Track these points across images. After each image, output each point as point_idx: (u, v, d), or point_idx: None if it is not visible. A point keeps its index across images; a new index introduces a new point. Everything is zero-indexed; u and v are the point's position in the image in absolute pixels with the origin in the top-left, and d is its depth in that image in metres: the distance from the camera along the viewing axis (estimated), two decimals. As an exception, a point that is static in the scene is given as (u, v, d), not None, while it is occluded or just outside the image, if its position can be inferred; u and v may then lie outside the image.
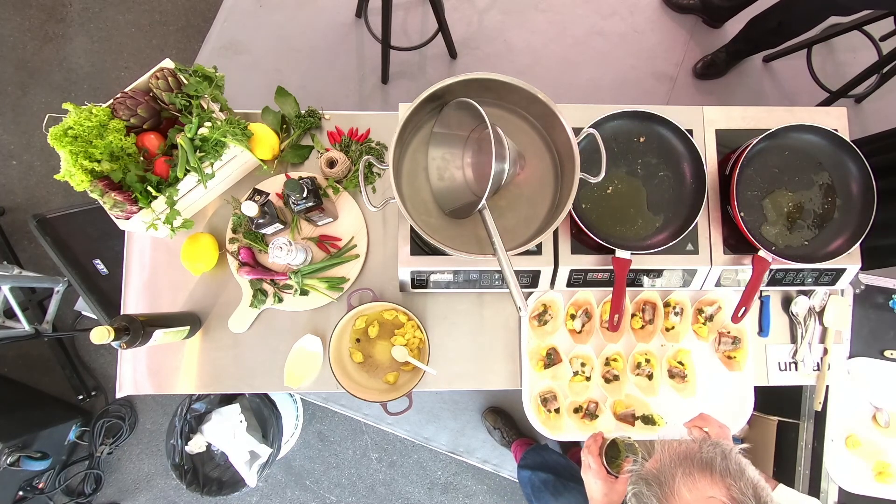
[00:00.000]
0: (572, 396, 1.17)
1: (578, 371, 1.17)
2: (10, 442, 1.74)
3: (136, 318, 0.98)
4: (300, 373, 1.15)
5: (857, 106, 2.17)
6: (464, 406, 2.07)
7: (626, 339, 1.19)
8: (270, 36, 2.22)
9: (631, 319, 1.18)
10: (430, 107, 0.94)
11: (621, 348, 1.18)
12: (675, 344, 1.18)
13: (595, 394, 1.17)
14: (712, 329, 1.18)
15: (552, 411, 1.17)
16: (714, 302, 1.18)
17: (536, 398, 1.17)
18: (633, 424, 1.15)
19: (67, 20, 2.29)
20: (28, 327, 1.80)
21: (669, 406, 1.17)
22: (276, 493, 2.14)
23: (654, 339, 1.18)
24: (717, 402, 1.17)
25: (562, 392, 1.17)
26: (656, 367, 1.17)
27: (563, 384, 1.17)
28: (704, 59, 2.18)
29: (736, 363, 1.17)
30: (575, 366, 1.18)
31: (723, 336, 1.19)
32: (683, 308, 1.18)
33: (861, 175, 1.06)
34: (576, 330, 1.19)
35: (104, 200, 1.00)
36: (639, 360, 1.17)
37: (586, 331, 1.18)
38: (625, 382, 1.17)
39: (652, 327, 1.17)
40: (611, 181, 1.08)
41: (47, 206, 2.18)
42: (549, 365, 1.16)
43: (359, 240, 1.20)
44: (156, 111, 1.07)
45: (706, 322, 1.18)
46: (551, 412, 1.17)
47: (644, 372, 1.17)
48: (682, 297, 1.18)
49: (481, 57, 2.22)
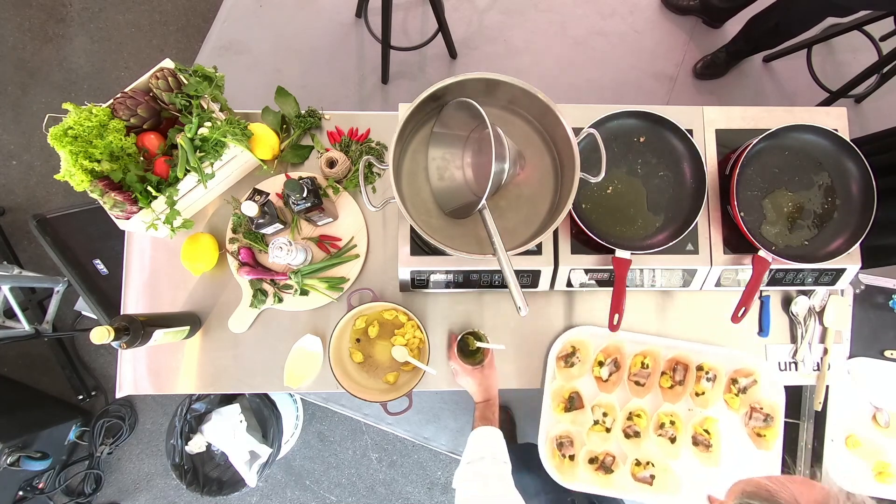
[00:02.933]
0: (590, 445, 1.12)
1: (599, 420, 1.13)
2: (10, 442, 1.74)
3: (136, 318, 0.98)
4: (300, 373, 1.15)
5: (857, 106, 2.17)
6: (464, 406, 2.07)
7: (652, 396, 1.14)
8: (270, 36, 2.22)
9: (660, 377, 1.14)
10: (430, 107, 0.94)
11: (647, 405, 1.13)
12: (703, 410, 1.13)
13: (613, 447, 1.12)
14: (744, 402, 1.13)
15: (567, 457, 1.12)
16: (751, 374, 1.13)
17: (552, 441, 1.13)
18: (651, 484, 1.10)
19: (67, 20, 2.29)
20: (28, 327, 1.80)
21: (689, 472, 1.12)
22: (276, 493, 2.14)
23: (681, 402, 1.13)
24: (740, 476, 1.10)
25: (579, 439, 1.13)
26: (681, 430, 1.12)
27: (582, 431, 1.13)
28: (704, 59, 2.18)
29: (765, 441, 1.11)
30: (597, 414, 1.13)
31: (755, 411, 1.13)
32: (717, 375, 1.13)
33: (861, 175, 1.06)
34: (602, 378, 1.15)
35: (104, 200, 1.00)
36: (663, 421, 1.12)
37: (613, 381, 1.14)
38: (645, 440, 1.12)
39: (681, 389, 1.13)
40: (611, 181, 1.08)
41: (47, 206, 2.18)
42: (570, 409, 1.13)
43: (359, 240, 1.20)
44: (156, 111, 1.07)
45: (739, 393, 1.13)
46: (566, 458, 1.12)
47: (667, 434, 1.12)
48: (717, 364, 1.14)
49: (481, 57, 2.23)
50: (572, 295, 1.22)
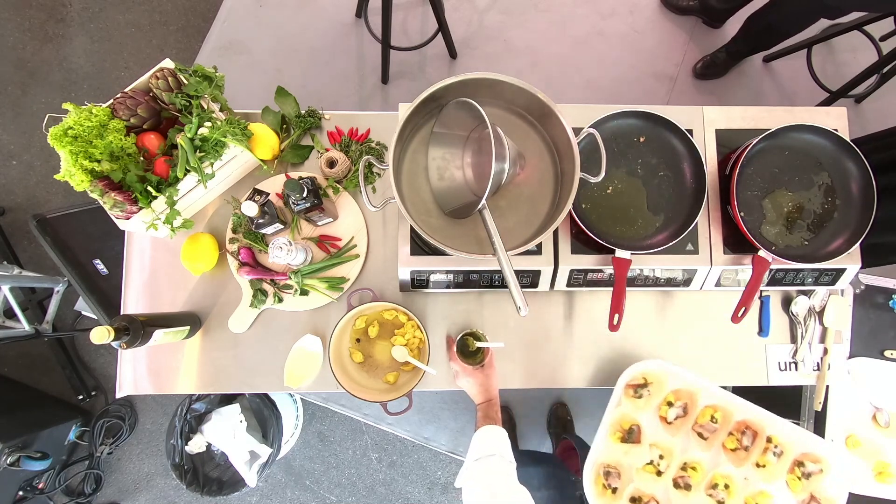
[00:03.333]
0: (637, 483, 1.06)
1: (654, 461, 1.07)
2: (10, 442, 1.74)
3: (136, 318, 0.98)
4: (300, 373, 1.15)
5: (857, 106, 2.17)
6: (464, 406, 2.07)
7: (713, 453, 1.08)
8: (270, 36, 2.22)
9: (727, 437, 1.08)
10: (430, 107, 0.94)
11: (705, 460, 1.07)
12: (760, 483, 1.06)
13: (660, 492, 1.06)
14: (806, 488, 1.06)
15: (610, 488, 1.06)
16: (819, 461, 1.06)
17: (600, 467, 1.08)
18: None
19: (67, 20, 2.29)
20: (28, 327, 1.80)
21: None
22: (276, 493, 2.14)
23: (741, 468, 1.07)
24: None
25: (628, 474, 1.07)
26: (732, 496, 1.05)
27: (633, 467, 1.07)
28: (704, 59, 2.18)
29: None
30: (652, 454, 1.07)
31: (813, 500, 1.06)
32: (784, 451, 1.07)
33: (861, 175, 1.06)
34: (667, 419, 1.09)
35: (104, 200, 1.00)
36: (717, 482, 1.06)
37: (677, 425, 1.09)
38: (694, 496, 1.06)
39: (745, 455, 1.07)
40: (611, 181, 1.08)
41: (47, 206, 2.18)
42: (627, 441, 1.08)
43: (359, 240, 1.20)
44: (156, 111, 1.07)
45: (802, 478, 1.06)
46: (609, 489, 1.06)
47: (717, 496, 1.06)
48: (788, 440, 1.07)
49: (481, 57, 2.23)
50: (572, 295, 1.22)
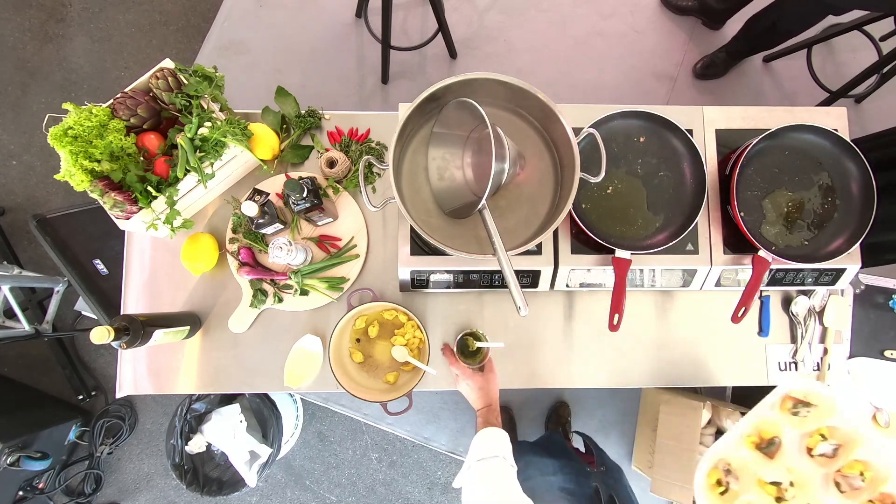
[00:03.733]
0: (753, 497, 0.97)
1: (783, 484, 0.96)
2: (10, 442, 1.74)
3: (136, 318, 0.98)
4: (300, 373, 1.15)
5: (857, 106, 2.17)
6: (464, 406, 2.07)
7: None
8: (270, 36, 2.22)
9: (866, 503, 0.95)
10: (429, 107, 0.94)
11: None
12: None
13: None
14: None
15: (722, 485, 0.98)
16: None
17: (721, 462, 0.99)
18: None
19: (67, 20, 2.29)
20: (28, 327, 1.80)
21: None
22: (276, 493, 2.14)
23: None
24: None
25: (747, 483, 0.98)
26: None
27: (756, 478, 0.98)
28: (704, 59, 2.18)
29: None
30: (785, 477, 0.97)
31: None
32: None
33: (861, 175, 1.06)
34: (812, 450, 0.99)
35: (104, 200, 1.00)
36: None
37: (819, 462, 0.98)
38: None
39: None
40: (611, 181, 1.08)
41: (47, 206, 2.18)
42: (762, 449, 0.99)
43: (359, 240, 1.20)
44: (156, 111, 1.07)
45: None
46: (720, 486, 0.98)
47: None
48: None
49: (481, 57, 2.23)
50: (572, 295, 1.22)
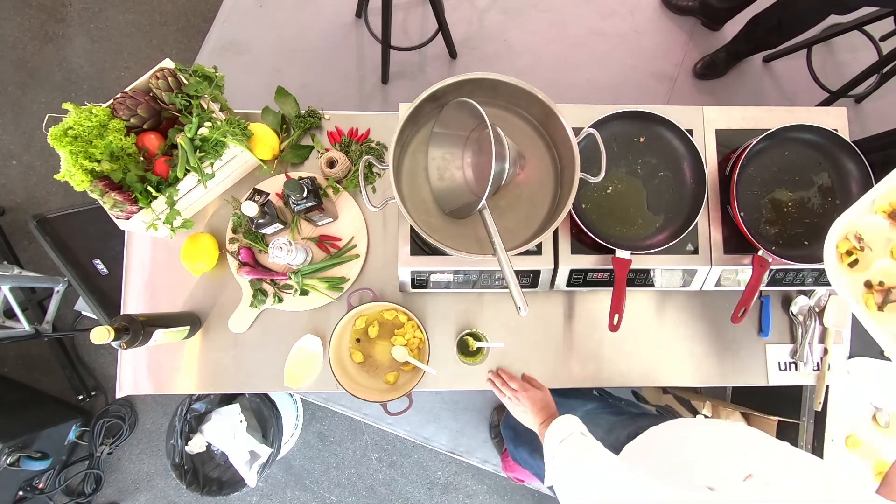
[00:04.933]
0: (888, 265, 0.89)
1: None
2: (10, 442, 1.74)
3: (136, 318, 0.98)
4: (300, 373, 1.15)
5: (857, 106, 2.17)
6: (464, 406, 2.07)
7: None
8: (270, 36, 2.22)
9: None
10: (429, 107, 0.94)
11: None
12: None
13: None
14: None
15: (850, 256, 0.90)
16: None
17: (852, 231, 0.90)
18: None
19: (67, 20, 2.29)
20: (28, 327, 1.80)
21: None
22: (276, 493, 2.14)
23: None
24: None
25: (880, 252, 0.90)
26: None
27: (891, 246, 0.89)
28: (704, 60, 2.18)
29: None
30: None
31: None
32: None
33: (861, 175, 1.06)
34: None
35: (104, 200, 1.00)
36: None
37: None
38: None
39: None
40: (611, 181, 1.08)
41: (47, 206, 2.18)
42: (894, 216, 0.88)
43: (359, 240, 1.20)
44: (156, 111, 1.07)
45: None
46: (849, 256, 0.90)
47: None
48: None
49: (481, 57, 2.22)
50: (572, 295, 1.22)
